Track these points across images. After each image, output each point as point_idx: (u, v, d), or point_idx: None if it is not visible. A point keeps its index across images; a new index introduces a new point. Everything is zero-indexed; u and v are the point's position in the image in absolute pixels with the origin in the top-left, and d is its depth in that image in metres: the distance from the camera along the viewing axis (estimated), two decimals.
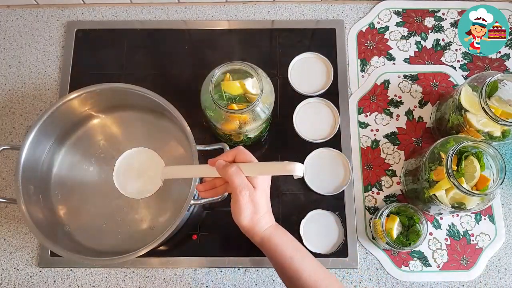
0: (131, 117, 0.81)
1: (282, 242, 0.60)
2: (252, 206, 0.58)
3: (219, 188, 0.63)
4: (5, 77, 0.88)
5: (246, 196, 0.57)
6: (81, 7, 0.92)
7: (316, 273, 0.58)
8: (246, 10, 0.92)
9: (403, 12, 0.91)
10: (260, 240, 0.60)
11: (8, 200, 0.70)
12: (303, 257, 0.60)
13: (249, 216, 0.58)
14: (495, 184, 0.64)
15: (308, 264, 0.59)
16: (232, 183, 0.57)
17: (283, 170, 0.58)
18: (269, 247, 0.59)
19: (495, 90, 0.73)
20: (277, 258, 0.59)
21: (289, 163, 0.57)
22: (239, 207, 0.57)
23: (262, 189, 0.59)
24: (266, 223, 0.60)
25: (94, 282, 0.77)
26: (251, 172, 0.58)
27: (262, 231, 0.59)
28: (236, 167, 0.57)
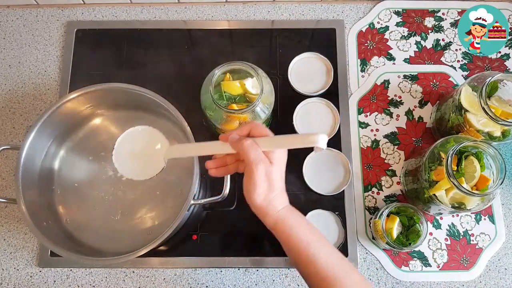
0: (131, 117, 0.81)
1: (298, 225, 0.55)
2: (267, 182, 0.53)
3: (230, 166, 0.58)
4: (5, 77, 0.88)
5: (262, 171, 0.52)
6: (81, 7, 0.92)
7: (333, 259, 0.54)
8: (246, 10, 0.92)
9: (403, 12, 0.91)
10: (273, 221, 0.55)
11: (8, 200, 0.70)
12: (319, 242, 0.55)
13: (264, 194, 0.53)
14: (495, 184, 0.64)
15: (325, 249, 0.55)
16: (247, 157, 0.52)
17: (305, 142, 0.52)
18: (283, 229, 0.54)
19: (495, 90, 0.73)
20: (292, 242, 0.54)
21: (311, 134, 0.52)
22: (254, 183, 0.52)
23: (279, 165, 0.54)
24: (281, 203, 0.55)
25: (94, 282, 0.77)
26: (268, 146, 0.53)
27: (276, 211, 0.54)
28: (252, 140, 0.53)
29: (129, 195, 0.77)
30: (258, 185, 0.52)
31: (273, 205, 0.54)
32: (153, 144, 0.62)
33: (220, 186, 0.68)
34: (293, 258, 0.56)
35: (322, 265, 0.53)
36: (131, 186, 0.78)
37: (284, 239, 0.55)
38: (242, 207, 0.79)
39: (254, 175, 0.52)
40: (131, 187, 0.78)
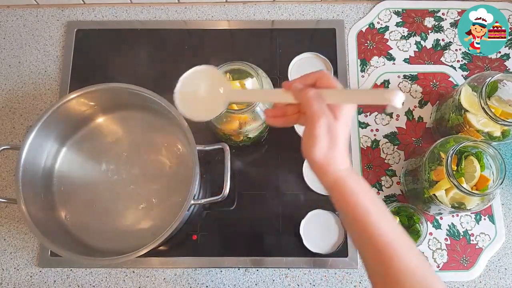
0: (131, 117, 0.81)
1: (359, 189, 0.50)
2: (329, 138, 0.48)
3: (290, 117, 0.53)
4: (5, 77, 0.88)
5: (324, 125, 0.47)
6: (81, 7, 0.92)
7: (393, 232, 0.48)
8: (246, 10, 0.92)
9: (403, 12, 0.91)
10: (332, 181, 0.49)
11: (8, 200, 0.70)
12: (380, 212, 0.49)
13: (324, 150, 0.48)
14: (495, 184, 0.64)
15: (385, 220, 0.49)
16: (309, 108, 0.48)
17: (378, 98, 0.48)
18: (343, 192, 0.49)
19: (495, 90, 0.73)
20: (350, 207, 0.49)
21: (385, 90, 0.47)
22: (314, 137, 0.48)
23: (344, 121, 0.49)
24: (343, 163, 0.50)
25: (94, 282, 0.77)
26: (335, 99, 0.48)
27: (337, 171, 0.49)
28: (317, 91, 0.48)
29: (129, 195, 0.77)
30: (318, 140, 0.48)
31: (335, 164, 0.49)
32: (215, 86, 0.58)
33: (220, 186, 0.68)
34: (348, 224, 0.51)
35: (381, 237, 0.47)
36: (131, 186, 0.78)
37: (342, 203, 0.50)
38: (242, 207, 0.79)
39: (314, 129, 0.47)
40: (131, 187, 0.78)
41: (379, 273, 0.48)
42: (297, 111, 0.53)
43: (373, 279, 0.49)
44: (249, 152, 0.83)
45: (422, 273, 0.46)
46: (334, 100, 0.48)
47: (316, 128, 0.47)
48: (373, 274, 0.49)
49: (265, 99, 0.58)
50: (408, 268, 0.46)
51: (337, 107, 0.49)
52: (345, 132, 0.49)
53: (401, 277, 0.46)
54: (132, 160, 0.79)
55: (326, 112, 0.48)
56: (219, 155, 0.81)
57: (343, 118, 0.49)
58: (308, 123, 0.49)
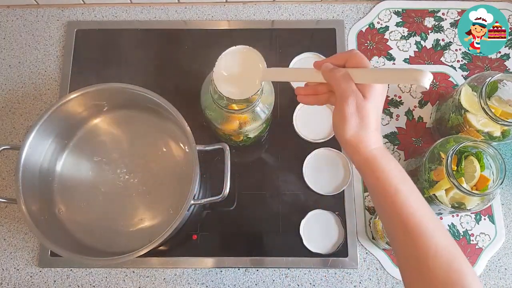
0: (131, 117, 0.81)
1: (390, 169, 0.50)
2: (358, 118, 0.49)
3: (321, 96, 0.54)
4: (5, 77, 0.88)
5: (352, 104, 0.48)
6: (81, 7, 0.92)
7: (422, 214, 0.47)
8: (246, 10, 0.92)
9: (403, 12, 0.91)
10: (363, 160, 0.50)
11: (8, 200, 0.70)
12: (410, 192, 0.49)
13: (354, 129, 0.49)
14: (495, 184, 0.64)
15: (415, 201, 0.48)
16: (337, 88, 0.49)
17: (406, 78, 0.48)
18: (373, 171, 0.50)
19: (495, 90, 0.73)
20: (380, 186, 0.49)
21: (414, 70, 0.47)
22: (343, 117, 0.49)
23: (374, 101, 0.49)
24: (374, 143, 0.50)
25: (94, 282, 0.77)
26: (364, 79, 0.49)
27: (367, 150, 0.50)
28: (346, 71, 0.49)
29: (129, 195, 0.77)
30: (347, 119, 0.48)
31: (365, 143, 0.50)
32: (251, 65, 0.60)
33: (220, 186, 0.68)
34: (378, 204, 0.52)
35: (408, 216, 0.47)
36: (132, 186, 0.78)
37: (372, 182, 0.50)
38: (242, 207, 0.79)
39: (343, 108, 0.48)
40: (131, 187, 0.78)
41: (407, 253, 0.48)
42: (328, 90, 0.53)
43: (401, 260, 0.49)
44: (249, 152, 0.83)
45: (450, 253, 0.46)
46: (363, 80, 0.49)
47: (345, 107, 0.48)
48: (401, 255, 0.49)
49: (299, 79, 0.57)
50: (437, 249, 0.45)
51: (367, 87, 0.49)
52: (375, 112, 0.50)
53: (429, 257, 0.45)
54: (132, 160, 0.79)
55: (355, 92, 0.48)
56: (219, 155, 0.81)
57: (373, 98, 0.49)
58: (337, 102, 0.49)
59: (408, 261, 0.48)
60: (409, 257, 0.47)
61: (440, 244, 0.46)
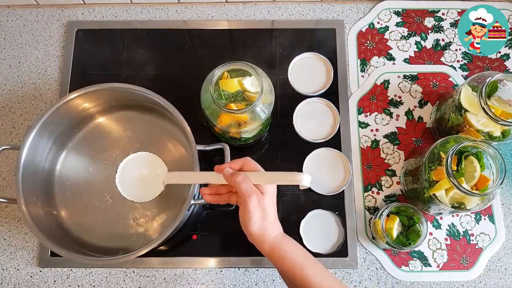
0: (131, 117, 0.81)
1: (292, 249, 0.59)
2: (261, 211, 0.58)
3: (223, 195, 0.64)
4: (5, 77, 0.88)
5: (255, 201, 0.57)
6: (81, 7, 0.92)
7: (326, 280, 0.58)
8: (246, 10, 0.92)
9: (403, 12, 0.91)
10: (269, 247, 0.59)
11: (8, 200, 0.70)
12: (313, 265, 0.59)
13: (259, 222, 0.58)
14: (495, 184, 0.64)
15: (319, 272, 0.59)
16: (240, 189, 0.58)
17: (290, 180, 0.59)
18: (279, 254, 0.59)
19: (495, 90, 0.73)
20: (287, 265, 0.58)
21: (295, 173, 0.58)
22: (248, 212, 0.57)
23: (270, 196, 0.60)
24: (275, 230, 0.60)
25: (94, 282, 0.77)
26: (259, 181, 0.59)
27: (271, 237, 0.59)
28: (244, 175, 0.58)
29: None
30: (252, 213, 0.57)
31: (268, 232, 0.59)
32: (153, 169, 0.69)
33: None
34: (288, 281, 0.60)
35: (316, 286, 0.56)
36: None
37: (280, 263, 0.59)
38: None
39: (248, 205, 0.57)
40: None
41: None
42: (228, 191, 0.63)
43: None
44: (249, 152, 0.83)
45: None
46: (257, 182, 0.59)
47: (249, 203, 0.57)
48: None
49: (201, 181, 0.66)
50: None
51: (263, 186, 0.59)
52: (272, 204, 0.60)
53: None
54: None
55: (255, 190, 0.58)
56: (219, 155, 0.81)
57: (268, 193, 0.59)
58: (241, 202, 0.58)
59: None
60: None
61: None
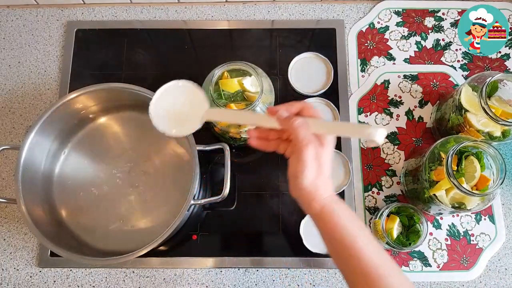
0: (131, 117, 0.81)
1: (346, 216, 0.51)
2: (317, 165, 0.49)
3: (271, 142, 0.55)
4: (5, 77, 0.88)
5: (312, 152, 0.49)
6: (81, 7, 0.92)
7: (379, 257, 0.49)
8: (246, 10, 0.92)
9: (403, 12, 0.91)
10: (319, 208, 0.50)
11: (8, 200, 0.70)
12: (367, 237, 0.50)
13: (313, 176, 0.49)
14: (495, 184, 0.64)
15: (371, 246, 0.50)
16: (296, 135, 0.49)
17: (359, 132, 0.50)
18: (330, 218, 0.50)
19: (495, 90, 0.73)
20: (337, 233, 0.50)
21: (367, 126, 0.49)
22: (303, 164, 0.48)
23: (330, 149, 0.51)
24: (328, 190, 0.51)
25: (94, 282, 0.77)
26: (319, 129, 0.50)
27: (323, 197, 0.50)
28: (303, 119, 0.50)
29: (129, 195, 0.77)
30: (307, 165, 0.49)
31: (321, 191, 0.50)
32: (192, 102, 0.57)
33: (220, 186, 0.68)
34: (335, 249, 0.52)
35: (367, 262, 0.48)
36: (132, 186, 0.78)
37: (328, 228, 0.51)
38: (242, 207, 0.79)
39: (303, 155, 0.49)
40: (131, 187, 0.78)
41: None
42: (278, 138, 0.54)
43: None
44: (249, 152, 0.83)
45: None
46: (318, 130, 0.50)
47: (305, 154, 0.48)
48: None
49: (245, 122, 0.58)
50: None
51: (322, 136, 0.50)
52: (330, 160, 0.51)
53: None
54: (132, 160, 0.79)
55: (314, 139, 0.49)
56: (219, 155, 0.81)
57: (328, 145, 0.50)
58: (296, 150, 0.50)
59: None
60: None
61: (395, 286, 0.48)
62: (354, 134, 0.52)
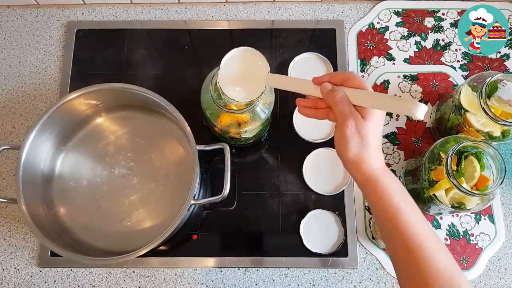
0: (131, 117, 0.81)
1: (391, 188, 0.51)
2: (358, 138, 0.50)
3: (320, 111, 0.55)
4: (5, 77, 0.88)
5: (352, 125, 0.50)
6: (81, 7, 0.92)
7: (423, 232, 0.49)
8: (246, 10, 0.92)
9: (403, 12, 0.91)
10: (364, 178, 0.51)
11: (9, 200, 0.70)
12: (411, 210, 0.50)
13: (355, 149, 0.50)
14: (495, 184, 0.64)
15: (416, 219, 0.49)
16: (336, 110, 0.51)
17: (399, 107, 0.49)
18: (374, 190, 0.51)
19: (495, 90, 0.73)
20: (381, 204, 0.50)
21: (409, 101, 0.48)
22: (344, 137, 0.50)
23: (373, 121, 0.51)
24: (376, 162, 0.51)
25: (94, 282, 0.77)
26: (361, 101, 0.51)
27: (370, 169, 0.51)
28: (344, 93, 0.50)
29: (129, 195, 0.77)
30: (348, 139, 0.50)
31: (367, 163, 0.51)
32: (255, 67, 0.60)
33: (220, 186, 0.68)
34: (379, 221, 0.52)
35: (410, 236, 0.48)
36: (132, 186, 0.78)
37: (374, 200, 0.51)
38: (242, 207, 0.79)
39: (343, 130, 0.50)
40: (131, 187, 0.78)
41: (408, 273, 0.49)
42: (327, 106, 0.54)
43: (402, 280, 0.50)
44: (249, 152, 0.83)
45: (450, 273, 0.47)
46: (359, 103, 0.50)
47: (345, 128, 0.50)
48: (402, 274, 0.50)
49: (299, 90, 0.57)
50: (437, 269, 0.47)
51: (366, 109, 0.50)
52: (375, 132, 0.51)
53: (429, 277, 0.46)
54: (132, 160, 0.79)
55: (353, 113, 0.50)
56: (219, 155, 0.81)
57: (371, 117, 0.50)
58: (338, 124, 0.51)
59: (408, 279, 0.49)
60: (410, 274, 0.48)
61: (440, 264, 0.47)
62: (393, 108, 0.52)
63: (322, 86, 0.52)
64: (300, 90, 0.57)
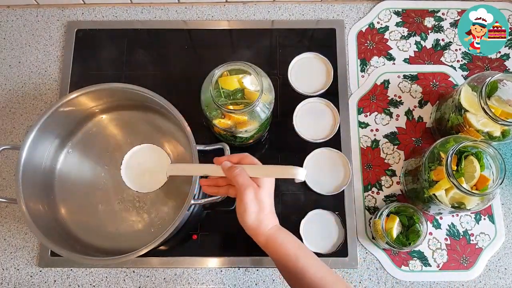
0: (131, 117, 0.81)
1: (287, 241, 0.60)
2: (256, 204, 0.59)
3: (221, 188, 0.65)
4: (5, 77, 0.88)
5: (251, 193, 0.58)
6: (81, 7, 0.92)
7: (321, 271, 0.58)
8: (246, 10, 0.92)
9: (403, 12, 0.91)
10: (265, 239, 0.60)
11: (9, 200, 0.70)
12: (307, 256, 0.60)
13: (254, 214, 0.59)
14: (495, 184, 0.64)
15: (313, 262, 0.59)
16: (236, 182, 0.59)
17: (285, 173, 0.61)
18: (274, 246, 0.59)
19: (495, 90, 0.73)
20: (282, 257, 0.59)
21: (291, 167, 0.60)
22: (244, 205, 0.58)
23: (267, 188, 0.60)
24: (271, 223, 0.61)
25: (94, 282, 0.77)
26: (255, 174, 0.60)
27: (267, 230, 0.60)
28: (241, 168, 0.60)
29: (129, 195, 0.77)
30: (248, 206, 0.58)
31: (264, 224, 0.60)
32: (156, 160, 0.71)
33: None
34: (283, 272, 0.61)
35: (311, 277, 0.57)
36: None
37: (275, 255, 0.60)
38: None
39: (244, 197, 0.58)
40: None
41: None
42: (227, 184, 0.64)
43: None
44: (249, 152, 0.83)
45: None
46: (254, 174, 0.60)
47: (245, 196, 0.58)
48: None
49: (201, 173, 0.66)
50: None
51: (259, 179, 0.60)
52: (269, 197, 0.61)
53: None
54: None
55: (251, 183, 0.59)
56: (219, 155, 0.81)
57: (265, 186, 0.60)
58: (238, 194, 0.59)
59: None
60: None
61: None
62: (281, 175, 0.62)
63: (223, 164, 0.61)
64: (202, 173, 0.66)
